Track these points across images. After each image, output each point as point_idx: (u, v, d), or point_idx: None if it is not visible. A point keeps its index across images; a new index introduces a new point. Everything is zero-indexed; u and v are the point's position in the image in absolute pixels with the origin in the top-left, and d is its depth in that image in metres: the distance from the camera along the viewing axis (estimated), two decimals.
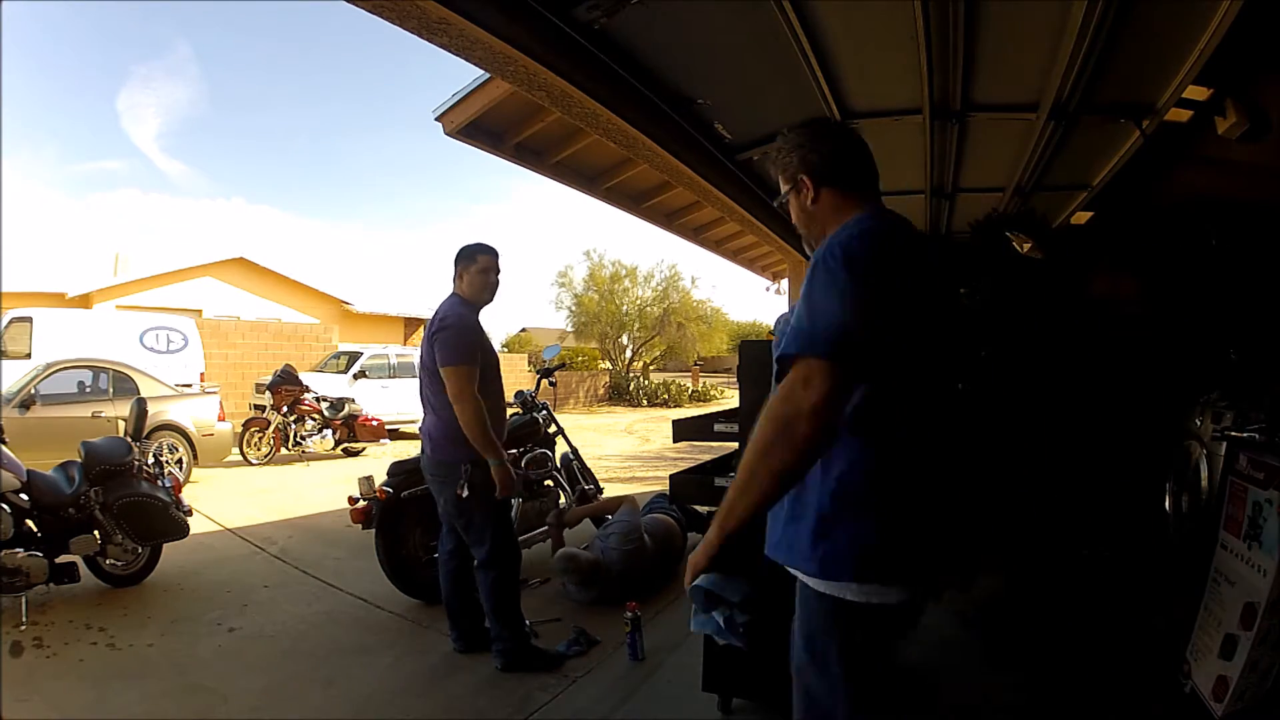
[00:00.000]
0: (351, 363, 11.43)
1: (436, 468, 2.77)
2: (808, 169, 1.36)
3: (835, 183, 1.35)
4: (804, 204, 1.38)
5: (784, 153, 1.41)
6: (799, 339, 1.11)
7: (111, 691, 2.60)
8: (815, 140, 1.38)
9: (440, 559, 2.99)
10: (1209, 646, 2.28)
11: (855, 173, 1.36)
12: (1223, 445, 2.76)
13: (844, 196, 1.34)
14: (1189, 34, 2.62)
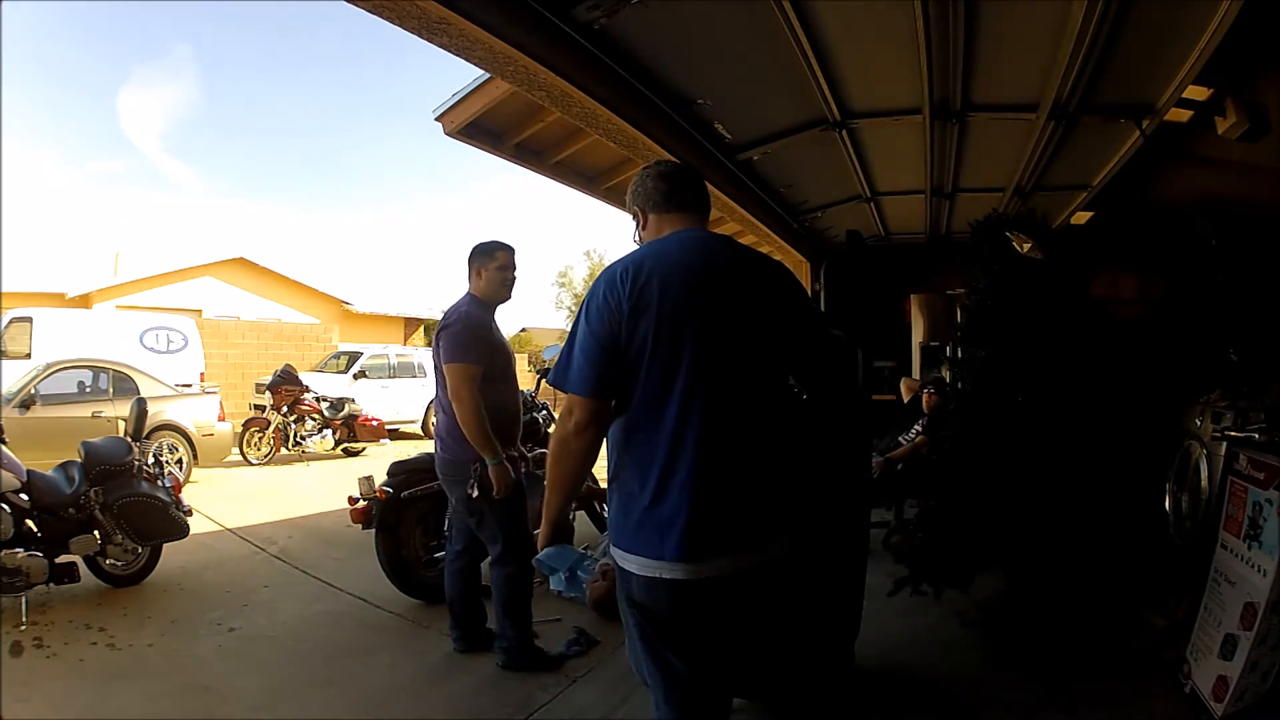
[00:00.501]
0: (351, 363, 11.43)
1: (446, 467, 2.78)
2: (635, 200, 1.65)
3: (655, 208, 1.61)
4: (636, 232, 1.67)
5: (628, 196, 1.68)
6: (559, 374, 1.47)
7: (111, 691, 2.60)
8: (641, 178, 1.65)
9: (448, 558, 3.00)
10: (1209, 646, 2.28)
11: (665, 200, 1.60)
12: (1223, 445, 2.76)
13: (662, 218, 1.60)
14: (1189, 34, 2.62)
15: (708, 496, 1.38)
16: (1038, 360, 2.84)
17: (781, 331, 1.51)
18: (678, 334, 1.40)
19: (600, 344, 1.41)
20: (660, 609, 1.42)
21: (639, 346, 1.39)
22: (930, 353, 6.64)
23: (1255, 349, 3.13)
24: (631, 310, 1.39)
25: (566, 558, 1.59)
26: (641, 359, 1.40)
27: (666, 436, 1.39)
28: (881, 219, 6.05)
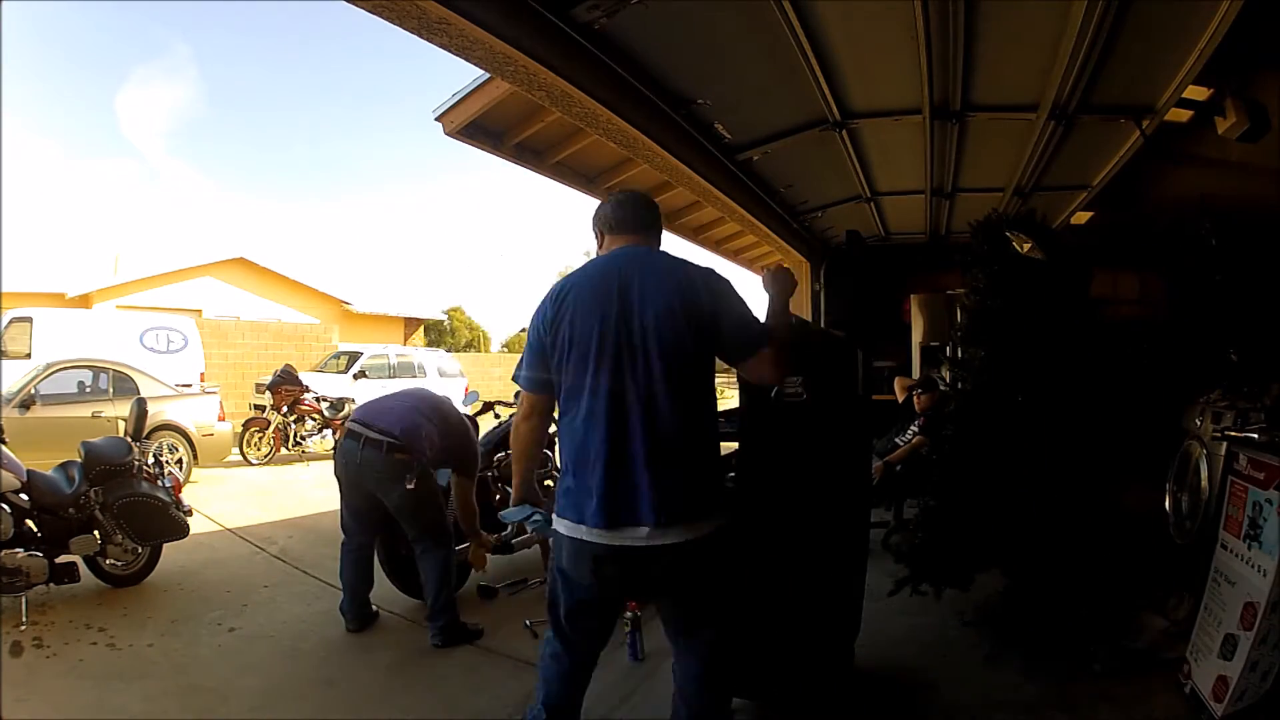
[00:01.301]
0: (351, 363, 11.43)
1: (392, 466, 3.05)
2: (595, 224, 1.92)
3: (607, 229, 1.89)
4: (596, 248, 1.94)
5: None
6: (517, 373, 1.89)
7: (111, 691, 2.59)
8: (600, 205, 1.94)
9: (347, 546, 3.26)
10: (1209, 646, 2.28)
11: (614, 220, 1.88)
12: (1223, 445, 2.76)
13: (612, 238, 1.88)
14: (1189, 34, 2.62)
15: (615, 474, 1.62)
16: (1038, 360, 2.84)
17: (694, 328, 1.66)
18: (586, 336, 1.67)
19: (535, 351, 1.78)
20: (576, 570, 1.69)
21: (560, 350, 1.71)
22: (930, 353, 6.63)
23: (1255, 349, 3.13)
24: (554, 321, 1.72)
25: (521, 514, 2.01)
26: (564, 360, 1.71)
27: (582, 423, 1.67)
28: (881, 219, 6.06)
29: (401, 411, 3.16)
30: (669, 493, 1.61)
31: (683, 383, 1.67)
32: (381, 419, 3.11)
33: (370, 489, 3.10)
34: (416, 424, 3.11)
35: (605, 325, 1.66)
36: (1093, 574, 2.79)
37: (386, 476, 3.02)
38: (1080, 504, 2.78)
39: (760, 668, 2.29)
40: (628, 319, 1.65)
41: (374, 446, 3.02)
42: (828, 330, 4.78)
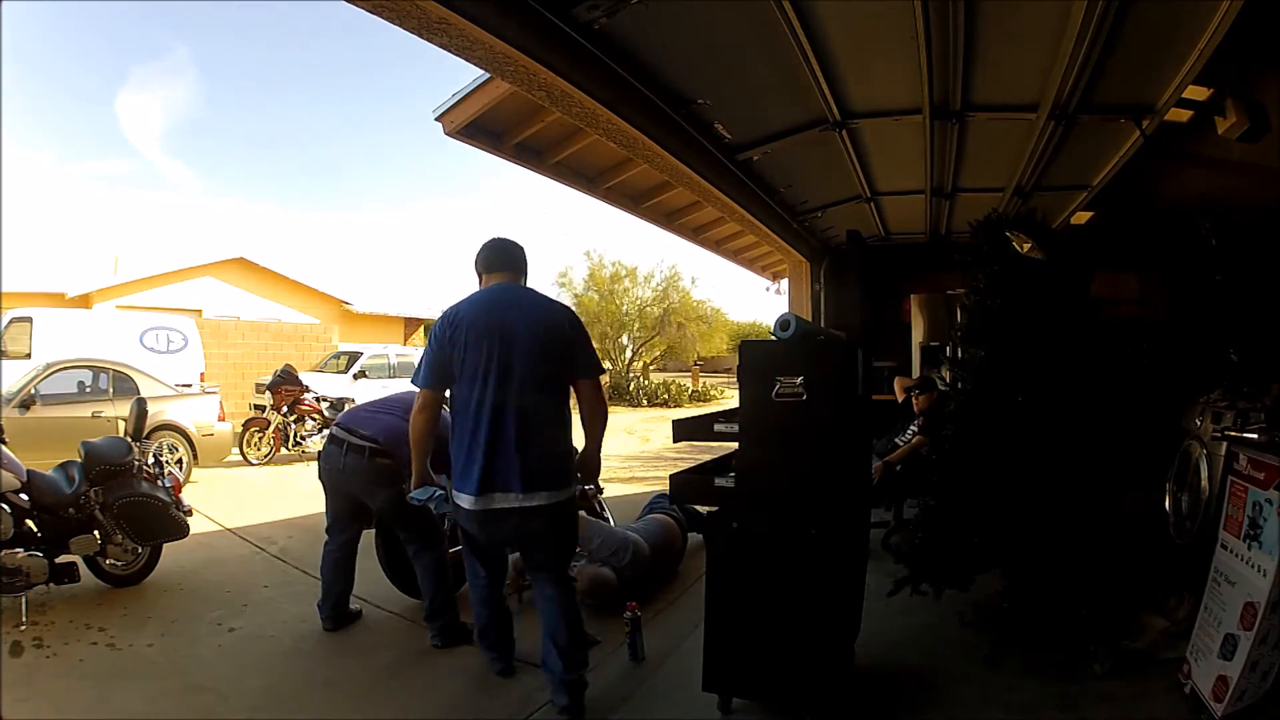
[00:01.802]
0: (351, 363, 11.43)
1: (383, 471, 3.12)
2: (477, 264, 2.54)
3: (483, 269, 2.51)
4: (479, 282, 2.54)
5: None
6: (415, 375, 2.45)
7: (111, 691, 2.59)
8: (480, 249, 2.54)
9: (330, 546, 3.27)
10: (1209, 646, 2.28)
11: (488, 262, 2.51)
12: (1223, 445, 2.76)
13: (487, 276, 2.51)
14: (1189, 34, 2.62)
15: (493, 455, 2.27)
16: (1037, 360, 2.84)
17: (552, 352, 2.34)
18: (476, 356, 2.29)
19: (436, 360, 2.36)
20: (469, 527, 2.41)
21: (457, 363, 2.32)
22: (930, 353, 6.63)
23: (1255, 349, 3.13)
24: (450, 340, 2.32)
25: (426, 493, 2.49)
26: (460, 365, 2.31)
27: (472, 416, 2.30)
28: (881, 219, 6.06)
29: (385, 418, 3.19)
30: (532, 468, 2.28)
31: (544, 392, 2.33)
32: (365, 425, 3.15)
33: (354, 493, 3.15)
34: (400, 429, 3.06)
35: (490, 348, 2.28)
36: (1093, 574, 2.79)
37: (370, 481, 3.08)
38: (1080, 504, 2.78)
39: (760, 668, 2.29)
40: (507, 343, 2.28)
41: (356, 452, 3.06)
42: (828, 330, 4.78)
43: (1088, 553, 2.77)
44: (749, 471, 2.29)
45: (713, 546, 2.39)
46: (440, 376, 2.36)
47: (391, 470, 3.05)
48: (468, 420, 2.30)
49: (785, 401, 2.18)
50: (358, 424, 3.17)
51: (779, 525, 2.22)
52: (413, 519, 3.10)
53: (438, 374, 2.36)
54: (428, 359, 2.36)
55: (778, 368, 2.20)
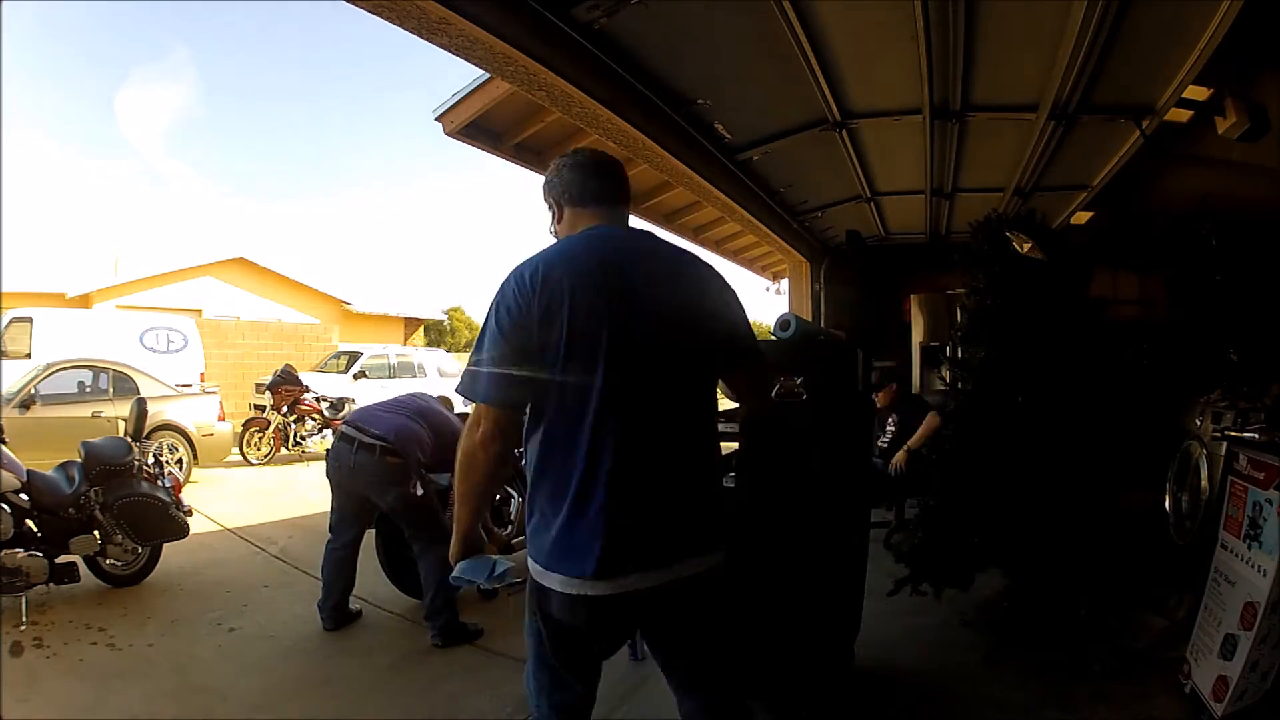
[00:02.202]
0: (351, 363, 11.43)
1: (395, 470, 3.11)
2: (550, 193, 1.56)
3: (571, 201, 1.53)
4: (552, 225, 1.59)
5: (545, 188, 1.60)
6: (468, 381, 1.41)
7: (111, 691, 2.59)
8: (556, 168, 1.56)
9: (332, 545, 3.25)
10: (1209, 646, 2.28)
11: (579, 194, 1.52)
12: (1223, 445, 2.76)
13: (571, 219, 1.53)
14: (1189, 34, 2.62)
15: (626, 517, 1.33)
16: (1037, 360, 2.84)
17: (705, 335, 1.44)
18: (591, 342, 1.32)
19: (512, 350, 1.34)
20: (578, 625, 1.38)
21: (551, 355, 1.32)
22: (930, 353, 6.64)
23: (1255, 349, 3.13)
24: (536, 309, 1.33)
25: (481, 569, 1.52)
26: (554, 369, 1.33)
27: (582, 456, 1.33)
28: (881, 219, 6.06)
29: (395, 418, 3.22)
30: (683, 522, 1.38)
31: (696, 397, 1.45)
32: (375, 424, 3.17)
33: (362, 491, 3.16)
34: (409, 429, 3.18)
35: (614, 327, 1.33)
36: (1093, 574, 2.79)
37: (380, 479, 3.09)
38: (1080, 504, 2.78)
39: (760, 668, 2.29)
40: (639, 321, 1.35)
41: (367, 450, 3.08)
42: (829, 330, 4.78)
43: (1088, 553, 2.77)
44: (748, 471, 2.29)
45: None
46: (516, 381, 1.35)
47: (401, 469, 3.08)
48: (569, 450, 1.35)
49: (785, 401, 2.18)
50: (368, 422, 3.19)
51: (779, 525, 2.21)
52: (419, 517, 3.13)
53: (512, 377, 1.35)
54: (491, 352, 1.36)
55: (778, 368, 2.20)
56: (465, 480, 1.44)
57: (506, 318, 1.35)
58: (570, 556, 1.34)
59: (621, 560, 1.32)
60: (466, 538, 1.51)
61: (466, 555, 1.52)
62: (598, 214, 1.50)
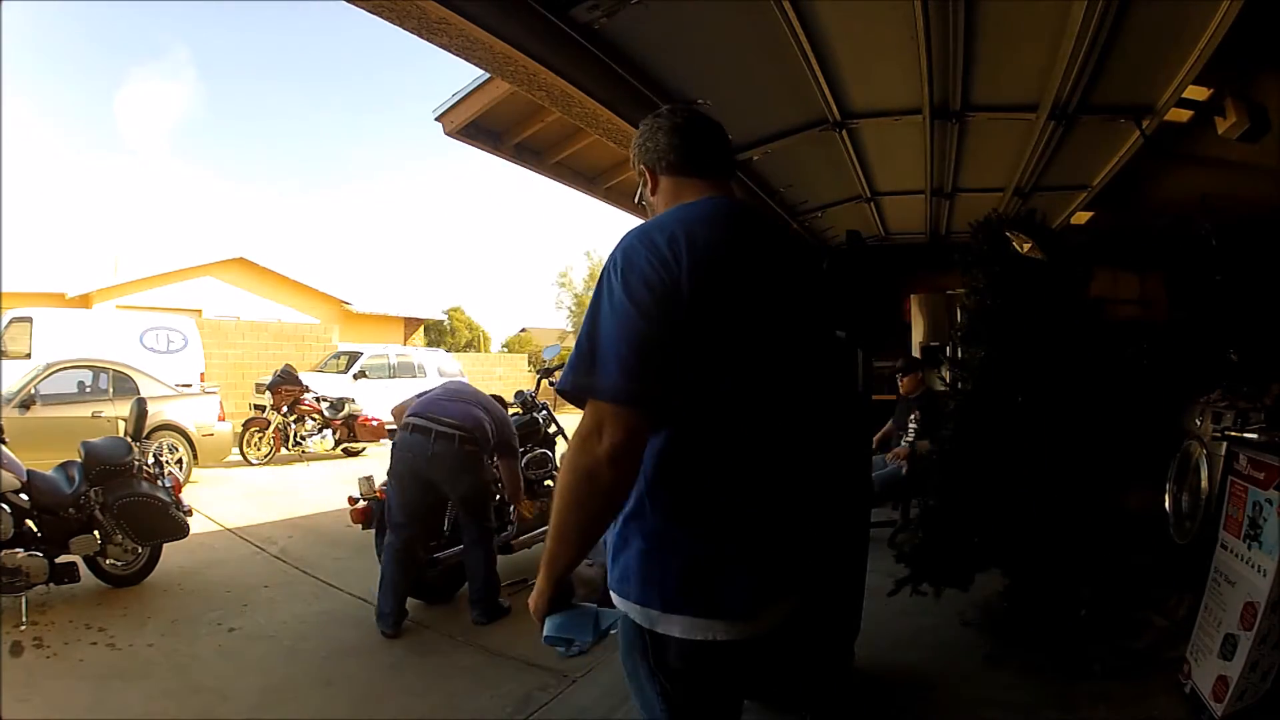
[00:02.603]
0: (351, 363, 11.43)
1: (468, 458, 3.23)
2: (644, 158, 1.32)
3: (670, 169, 1.28)
4: (646, 195, 1.36)
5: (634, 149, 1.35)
6: (580, 375, 1.04)
7: (111, 691, 2.59)
8: (649, 130, 1.32)
9: (391, 544, 3.22)
10: (1209, 646, 2.28)
11: (687, 159, 1.28)
12: (1223, 445, 2.76)
13: (677, 186, 1.28)
14: (1189, 34, 2.62)
15: (774, 541, 1.12)
16: (1037, 360, 2.84)
17: (821, 329, 1.27)
18: (750, 326, 1.09)
19: (650, 327, 1.02)
20: (708, 674, 1.12)
21: (694, 342, 1.04)
22: (930, 353, 6.64)
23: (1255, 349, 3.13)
24: (692, 291, 1.03)
25: (583, 626, 1.18)
26: (708, 356, 1.05)
27: (730, 453, 1.09)
28: (881, 219, 6.05)
29: (463, 406, 3.31)
30: (815, 547, 1.22)
31: (822, 399, 1.28)
32: (448, 413, 3.23)
33: (436, 480, 3.21)
34: (477, 418, 3.27)
35: (770, 314, 1.13)
36: (1093, 574, 2.79)
37: (458, 468, 3.17)
38: (1080, 504, 2.78)
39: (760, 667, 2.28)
40: (782, 310, 1.16)
41: (446, 439, 3.14)
42: None
43: (1088, 553, 2.77)
44: None
45: None
46: (655, 374, 1.02)
47: (477, 457, 3.20)
48: (712, 461, 1.09)
49: None
50: (440, 412, 3.25)
51: None
52: (481, 511, 3.30)
53: (661, 363, 1.03)
54: (623, 333, 1.03)
55: None
56: (579, 509, 1.06)
57: (644, 291, 1.02)
58: (711, 593, 1.08)
59: (770, 594, 1.12)
60: (559, 583, 1.15)
61: (559, 607, 1.17)
62: (708, 186, 1.25)
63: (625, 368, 1.01)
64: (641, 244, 1.08)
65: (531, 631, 2.98)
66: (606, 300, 1.05)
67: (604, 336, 1.03)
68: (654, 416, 1.05)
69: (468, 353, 23.52)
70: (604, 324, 1.04)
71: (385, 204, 58.46)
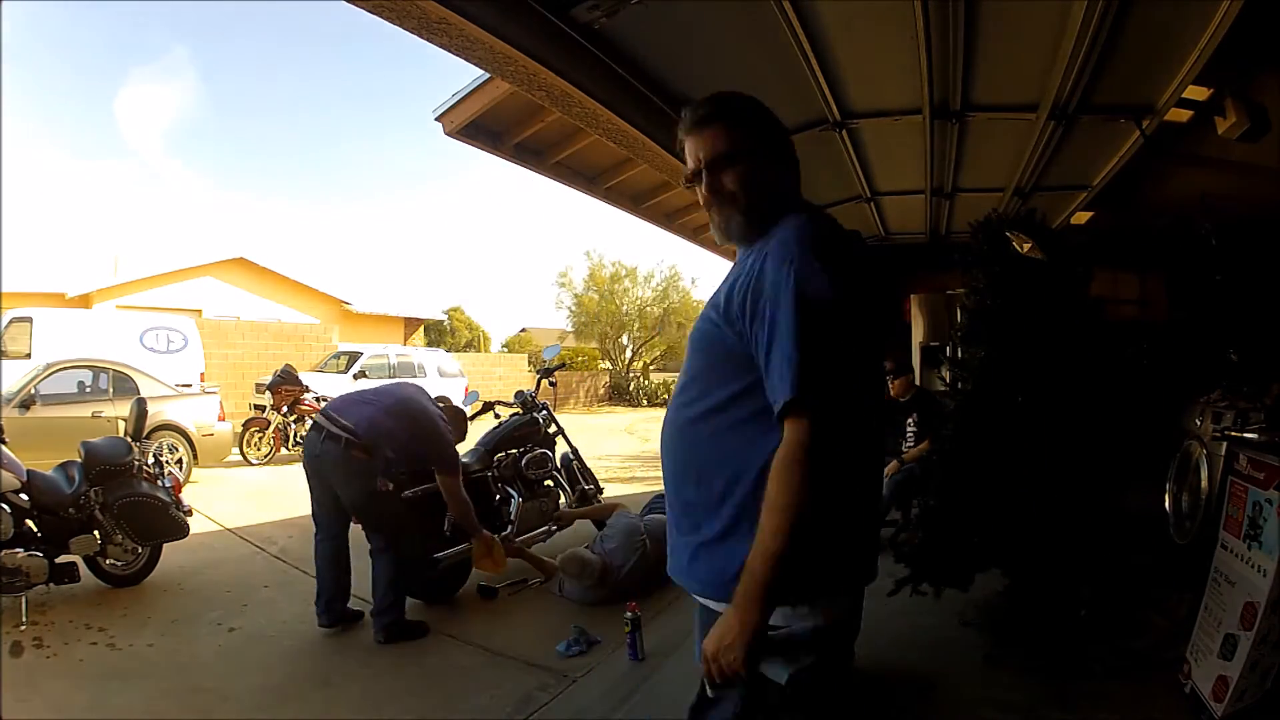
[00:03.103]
0: (351, 363, 11.44)
1: (357, 463, 3.08)
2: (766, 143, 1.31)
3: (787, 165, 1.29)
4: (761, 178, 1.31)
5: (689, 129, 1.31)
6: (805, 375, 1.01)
7: (111, 691, 2.59)
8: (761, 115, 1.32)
9: (320, 539, 3.22)
10: (1209, 646, 2.28)
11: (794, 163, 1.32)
12: (1223, 445, 2.76)
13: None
14: (1189, 34, 2.62)
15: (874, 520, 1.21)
16: (1037, 360, 2.84)
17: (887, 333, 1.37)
18: (872, 330, 1.17)
19: (852, 334, 1.08)
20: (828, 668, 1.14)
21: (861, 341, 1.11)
22: (930, 353, 6.64)
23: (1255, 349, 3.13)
24: (865, 294, 1.13)
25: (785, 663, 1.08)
26: (859, 357, 1.11)
27: (856, 458, 1.10)
28: (881, 219, 6.05)
29: (368, 410, 3.18)
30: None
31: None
32: (347, 414, 3.14)
33: (330, 482, 3.13)
34: (381, 426, 3.13)
35: (879, 332, 1.21)
36: (1093, 574, 2.79)
37: (343, 472, 3.06)
38: (1080, 504, 2.78)
39: None
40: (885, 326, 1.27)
41: (333, 440, 3.05)
42: None
43: (1088, 553, 2.77)
44: None
45: None
46: (847, 375, 1.06)
47: (366, 464, 3.04)
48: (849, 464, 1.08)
49: None
50: (340, 412, 3.16)
51: None
52: (378, 516, 3.12)
53: (845, 372, 1.06)
54: (834, 336, 1.05)
55: None
56: (801, 529, 1.01)
57: (847, 289, 1.07)
58: (839, 579, 1.16)
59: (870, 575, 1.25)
60: (763, 623, 1.04)
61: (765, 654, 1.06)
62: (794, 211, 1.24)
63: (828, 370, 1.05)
64: (840, 242, 1.15)
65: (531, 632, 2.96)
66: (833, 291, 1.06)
67: (825, 340, 1.05)
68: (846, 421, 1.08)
69: (468, 353, 23.53)
70: (816, 316, 1.05)
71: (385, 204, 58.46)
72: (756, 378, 1.09)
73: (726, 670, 1.04)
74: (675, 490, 1.22)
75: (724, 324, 1.14)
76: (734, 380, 1.13)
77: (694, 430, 1.19)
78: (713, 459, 1.15)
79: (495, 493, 3.98)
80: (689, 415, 1.20)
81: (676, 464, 1.22)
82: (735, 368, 1.12)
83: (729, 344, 1.13)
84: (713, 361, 1.17)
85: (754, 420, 1.10)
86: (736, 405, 1.13)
